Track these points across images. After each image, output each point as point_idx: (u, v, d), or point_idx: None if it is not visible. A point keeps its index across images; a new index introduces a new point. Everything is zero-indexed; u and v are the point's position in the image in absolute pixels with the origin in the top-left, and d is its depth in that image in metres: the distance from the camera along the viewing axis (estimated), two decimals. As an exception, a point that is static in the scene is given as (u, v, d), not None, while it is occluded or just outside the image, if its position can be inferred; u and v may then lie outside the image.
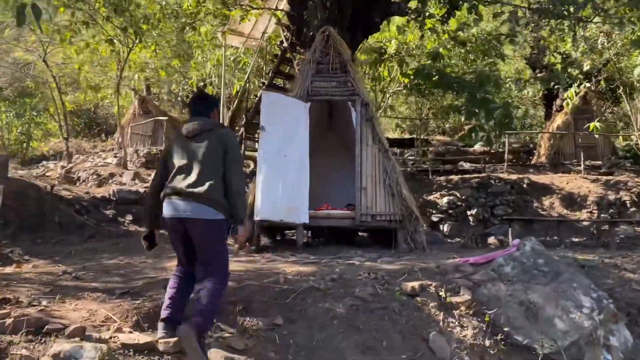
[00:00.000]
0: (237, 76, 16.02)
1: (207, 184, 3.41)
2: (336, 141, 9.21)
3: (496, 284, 5.09)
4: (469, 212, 11.87)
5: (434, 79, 10.76)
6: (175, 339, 3.25)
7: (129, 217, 10.39)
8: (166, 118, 17.22)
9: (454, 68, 11.91)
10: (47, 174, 13.59)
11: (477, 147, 21.10)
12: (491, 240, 9.61)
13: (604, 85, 16.70)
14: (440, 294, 4.76)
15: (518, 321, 4.65)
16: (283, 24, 11.99)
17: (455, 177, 13.39)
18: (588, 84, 14.18)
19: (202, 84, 18.63)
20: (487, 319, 4.49)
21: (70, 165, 14.03)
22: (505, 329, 4.50)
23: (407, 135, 23.80)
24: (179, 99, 26.34)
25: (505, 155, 14.45)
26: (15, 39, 15.28)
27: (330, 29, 7.94)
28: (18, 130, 21.36)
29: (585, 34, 13.25)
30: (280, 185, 6.99)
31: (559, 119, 18.55)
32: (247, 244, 7.46)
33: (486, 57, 17.63)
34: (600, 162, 16.34)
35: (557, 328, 4.63)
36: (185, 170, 3.48)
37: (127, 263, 6.46)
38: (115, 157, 16.28)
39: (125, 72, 14.27)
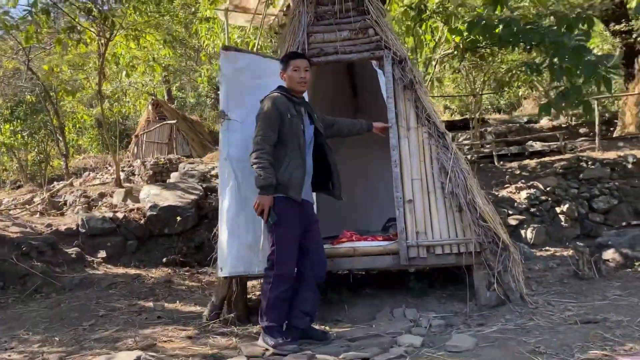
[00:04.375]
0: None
1: None
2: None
3: None
4: (558, 209, 8.39)
5: (496, 30, 7.31)
6: None
7: (102, 254, 7.56)
8: (175, 121, 14.34)
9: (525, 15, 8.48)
10: (34, 200, 11.00)
11: (544, 122, 17.32)
12: (609, 254, 6.12)
13: None
14: None
15: None
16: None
17: (531, 162, 9.90)
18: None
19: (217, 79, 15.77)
20: None
21: (56, 187, 11.40)
22: None
23: (457, 117, 20.12)
24: (208, 101, 23.77)
25: (596, 127, 10.75)
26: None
27: (333, -55, 4.73)
28: (35, 150, 19.26)
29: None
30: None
31: (648, 78, 14.56)
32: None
33: None
34: None
35: None
36: None
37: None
38: (123, 171, 13.65)
39: (110, 70, 11.46)
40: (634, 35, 14.64)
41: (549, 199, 8.46)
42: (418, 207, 4.19)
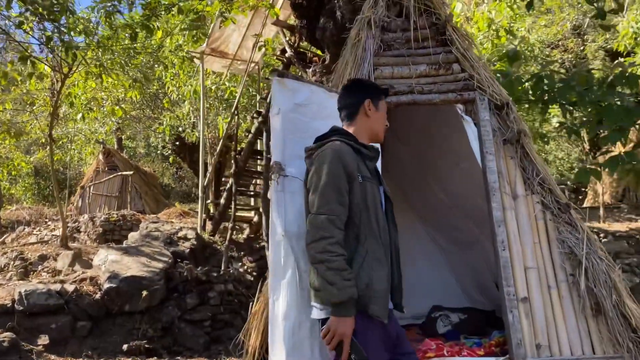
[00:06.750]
0: (223, 114, 11.73)
1: None
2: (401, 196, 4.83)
3: None
4: (580, 287, 7.43)
5: (520, 88, 6.42)
6: None
7: (43, 340, 5.76)
8: (132, 173, 12.63)
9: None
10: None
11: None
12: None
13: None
14: None
15: None
16: (283, 25, 7.76)
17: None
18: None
19: (180, 128, 14.32)
20: None
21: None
22: None
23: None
24: (158, 152, 22.06)
25: (601, 195, 10.06)
26: None
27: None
28: (-39, 200, 16.74)
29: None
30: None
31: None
32: None
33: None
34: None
35: None
36: None
37: None
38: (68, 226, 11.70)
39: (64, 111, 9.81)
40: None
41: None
42: (537, 308, 2.93)
